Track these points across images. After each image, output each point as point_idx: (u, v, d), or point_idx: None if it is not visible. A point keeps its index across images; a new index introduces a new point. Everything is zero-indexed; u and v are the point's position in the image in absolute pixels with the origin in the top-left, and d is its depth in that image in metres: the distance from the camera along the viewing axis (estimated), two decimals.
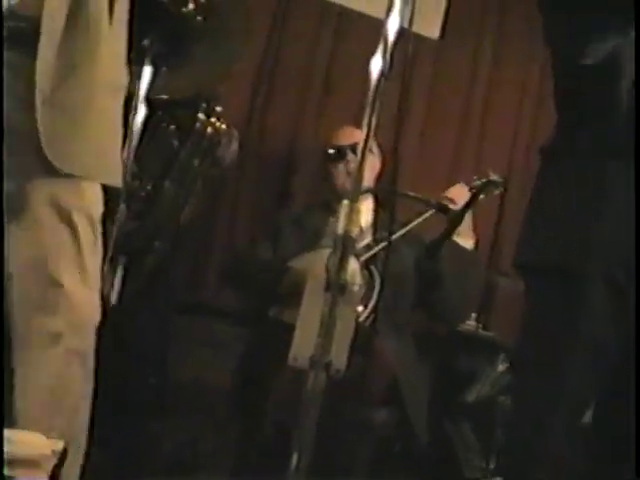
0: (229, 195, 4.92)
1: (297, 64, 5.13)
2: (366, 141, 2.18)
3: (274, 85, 5.09)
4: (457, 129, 5.38)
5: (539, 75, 5.23)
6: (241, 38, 2.92)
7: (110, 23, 2.24)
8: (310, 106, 5.13)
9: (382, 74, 2.20)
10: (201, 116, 3.25)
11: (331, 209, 4.27)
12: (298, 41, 5.11)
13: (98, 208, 2.32)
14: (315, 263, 3.86)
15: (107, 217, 2.39)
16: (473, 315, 4.67)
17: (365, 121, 2.20)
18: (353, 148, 4.26)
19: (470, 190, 4.24)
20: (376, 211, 4.28)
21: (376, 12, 5.04)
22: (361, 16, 5.15)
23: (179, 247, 3.98)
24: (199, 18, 2.37)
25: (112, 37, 2.26)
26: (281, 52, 5.11)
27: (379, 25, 4.85)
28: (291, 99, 5.10)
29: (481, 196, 4.27)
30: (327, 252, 2.08)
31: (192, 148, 3.23)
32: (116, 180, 2.37)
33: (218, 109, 3.38)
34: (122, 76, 2.34)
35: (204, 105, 3.28)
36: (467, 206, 4.16)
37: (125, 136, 2.48)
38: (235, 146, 3.71)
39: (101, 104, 2.27)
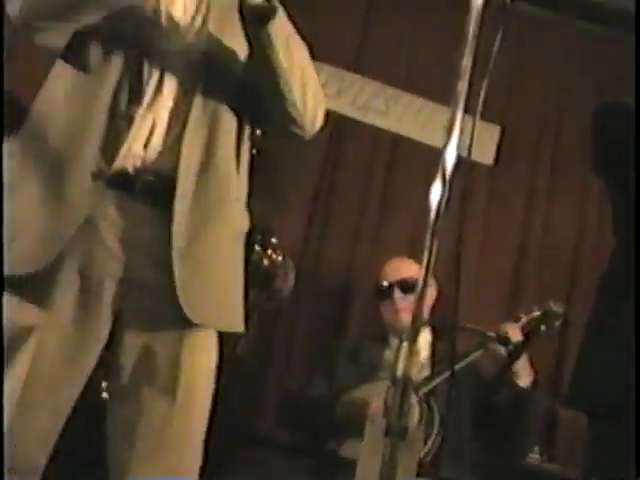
0: (285, 325, 4.90)
1: (352, 192, 5.16)
2: (426, 273, 2.11)
3: (329, 213, 5.12)
4: (515, 257, 5.32)
5: (597, 201, 5.18)
6: (299, 170, 2.96)
7: (237, 172, 2.30)
8: (365, 234, 5.13)
9: (441, 203, 2.15)
10: (257, 248, 3.24)
11: (386, 342, 4.23)
12: (353, 168, 5.16)
13: (215, 356, 2.34)
14: (373, 396, 3.79)
15: None
16: (536, 448, 4.53)
17: (426, 252, 2.14)
18: (401, 284, 4.25)
19: (529, 321, 4.17)
20: (434, 343, 4.23)
21: (430, 140, 5.12)
22: (415, 143, 5.19)
23: (235, 378, 3.93)
24: (254, 151, 2.40)
25: (238, 184, 2.32)
26: (336, 180, 5.14)
27: (432, 151, 4.94)
28: (346, 227, 5.10)
29: (542, 327, 4.18)
30: (385, 385, 2.00)
31: (249, 281, 3.22)
32: (240, 326, 2.36)
33: (274, 240, 3.38)
34: (245, 221, 2.38)
35: (259, 237, 3.29)
36: (527, 339, 4.09)
37: None
38: (292, 278, 3.70)
39: (228, 252, 2.32)
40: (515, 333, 4.08)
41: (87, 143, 2.12)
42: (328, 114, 2.41)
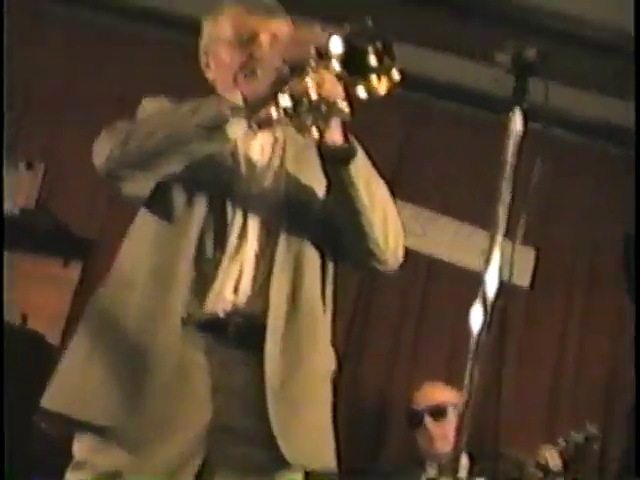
0: None
1: (388, 315, 5.15)
2: (469, 398, 2.09)
3: (365, 335, 5.11)
4: (551, 377, 5.27)
5: (631, 324, 5.15)
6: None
7: (324, 311, 2.32)
8: (402, 356, 5.10)
9: (482, 328, 2.15)
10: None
11: (423, 467, 4.17)
12: (389, 290, 5.16)
13: None
14: None
15: None
16: None
17: (467, 376, 2.13)
18: (432, 411, 4.23)
19: (568, 446, 4.10)
20: (471, 468, 4.15)
21: (466, 263, 5.13)
22: (451, 265, 5.20)
23: None
24: None
25: (325, 323, 2.34)
26: (372, 301, 5.14)
27: (469, 274, 4.95)
28: (382, 349, 5.09)
29: (580, 452, 4.12)
30: None
31: None
32: (332, 464, 2.36)
33: None
34: (332, 360, 2.39)
35: None
36: (566, 464, 4.02)
37: None
38: None
39: (319, 392, 2.34)
40: (554, 459, 4.02)
41: (175, 289, 2.14)
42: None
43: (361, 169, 2.23)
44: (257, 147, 2.29)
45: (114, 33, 5.37)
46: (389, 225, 2.31)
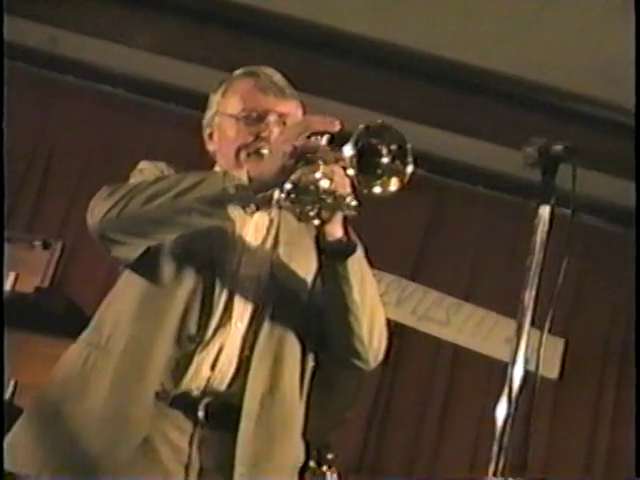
0: None
1: (411, 402, 5.09)
2: None
3: (387, 423, 5.05)
4: (582, 471, 5.16)
5: None
6: (357, 386, 2.92)
7: (299, 401, 2.27)
8: (424, 446, 5.02)
9: (507, 420, 2.06)
10: (312, 465, 3.15)
11: None
12: (412, 378, 5.12)
13: None
14: None
15: None
16: None
17: (491, 467, 2.03)
18: None
19: None
20: None
21: (491, 351, 5.06)
22: (476, 354, 5.14)
23: None
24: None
25: (300, 413, 2.27)
26: (394, 390, 5.09)
27: (494, 363, 4.87)
28: (404, 441, 5.01)
29: None
30: None
31: None
32: None
33: (330, 456, 3.29)
34: (302, 453, 2.33)
35: (315, 453, 3.20)
36: None
37: None
38: None
39: None
40: None
41: (152, 362, 2.09)
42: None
43: (357, 265, 2.19)
44: (252, 226, 2.25)
45: (137, 108, 5.41)
46: (375, 325, 2.25)
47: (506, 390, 2.07)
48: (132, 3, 4.77)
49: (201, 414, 2.10)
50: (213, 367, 2.13)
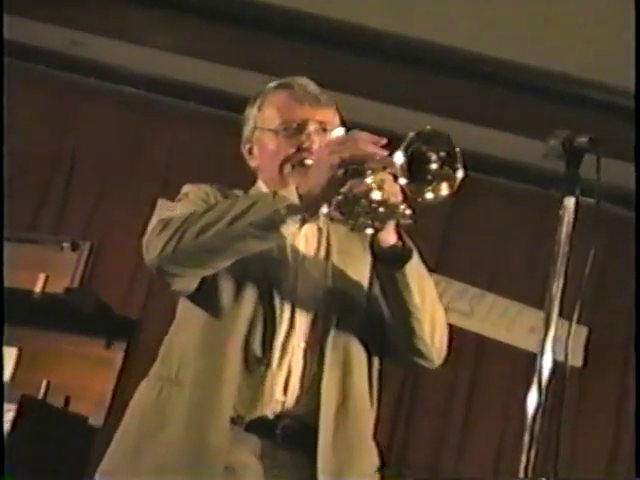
0: None
1: (435, 395, 5.09)
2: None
3: (412, 419, 5.04)
4: (606, 459, 5.16)
5: None
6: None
7: (371, 405, 2.26)
8: (451, 440, 5.02)
9: (538, 410, 2.07)
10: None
11: None
12: (436, 371, 5.11)
13: None
14: None
15: None
16: None
17: (523, 458, 2.04)
18: None
19: None
20: None
21: (515, 341, 5.06)
22: (500, 344, 5.15)
23: None
24: None
25: (372, 419, 2.25)
26: (419, 383, 5.09)
27: (516, 352, 4.87)
28: (430, 435, 5.01)
29: None
30: None
31: None
32: None
33: None
34: (377, 455, 2.33)
35: None
36: None
37: None
38: None
39: None
40: None
41: (224, 389, 2.09)
42: None
43: (415, 270, 2.18)
44: (302, 238, 2.23)
45: (159, 109, 5.44)
46: (437, 324, 2.25)
47: (535, 380, 2.08)
48: (151, 4, 4.80)
49: (279, 437, 2.10)
50: (285, 389, 2.13)
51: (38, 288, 3.53)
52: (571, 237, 2.04)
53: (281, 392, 2.12)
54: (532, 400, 2.06)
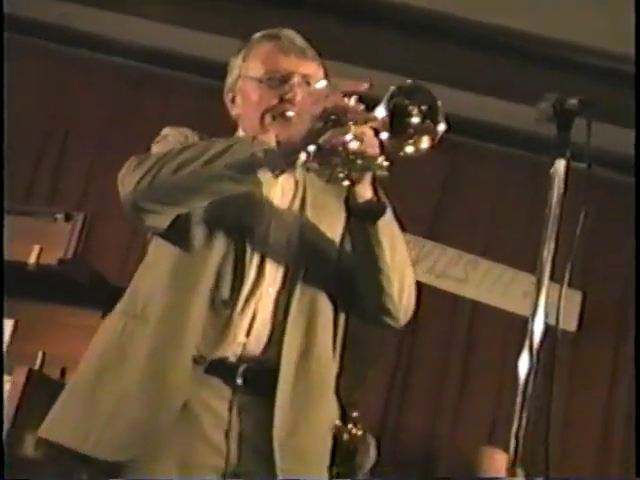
0: None
1: (430, 361, 5.11)
2: (516, 446, 2.02)
3: (408, 384, 5.06)
4: (600, 424, 5.18)
5: None
6: (380, 346, 2.94)
7: (334, 357, 2.28)
8: (446, 404, 5.05)
9: (529, 374, 2.09)
10: (337, 423, 3.18)
11: None
12: (431, 337, 5.13)
13: None
14: None
15: None
16: None
17: (515, 422, 2.05)
18: None
19: None
20: None
21: (510, 306, 5.08)
22: (494, 309, 5.17)
23: None
24: None
25: (333, 373, 2.29)
26: (414, 349, 5.11)
27: (512, 317, 4.89)
28: (426, 398, 5.04)
29: None
30: None
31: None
32: None
33: (354, 414, 3.32)
34: (337, 410, 2.34)
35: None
36: None
37: None
38: (373, 453, 3.61)
39: (324, 442, 2.27)
40: None
41: (189, 327, 2.10)
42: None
43: (387, 225, 2.19)
44: (278, 189, 2.24)
45: (152, 79, 5.43)
46: (405, 283, 2.27)
47: (527, 344, 2.09)
48: None
49: (239, 380, 2.12)
50: (248, 333, 2.14)
51: (32, 260, 3.53)
52: (562, 201, 2.05)
53: (244, 334, 2.13)
54: (524, 364, 2.07)
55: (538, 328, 2.10)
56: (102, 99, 5.37)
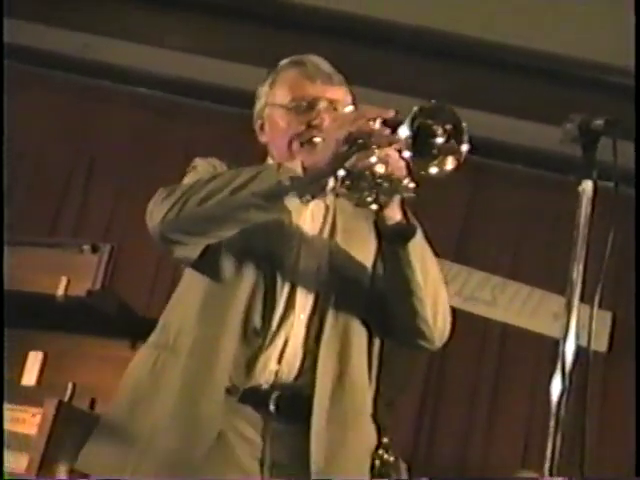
0: None
1: (461, 385, 5.08)
2: (552, 467, 1.99)
3: (439, 407, 5.04)
4: (634, 443, 5.12)
5: None
6: (410, 372, 2.91)
7: (369, 386, 2.27)
8: (477, 427, 5.02)
9: (562, 397, 2.06)
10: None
11: None
12: (462, 360, 5.10)
13: None
14: None
15: None
16: None
17: (549, 445, 2.03)
18: None
19: None
20: None
21: (539, 327, 5.05)
22: (524, 331, 5.14)
23: None
24: None
25: (369, 398, 2.27)
26: (445, 372, 5.09)
27: (542, 339, 4.86)
28: (457, 421, 5.01)
29: None
30: None
31: None
32: None
33: (385, 440, 3.30)
34: (374, 435, 2.32)
35: None
36: None
37: None
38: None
39: (362, 469, 2.25)
40: None
41: (220, 358, 2.10)
42: None
43: (418, 247, 2.17)
44: (308, 215, 2.23)
45: (174, 109, 5.46)
46: (439, 305, 2.24)
47: (559, 365, 2.07)
48: (161, 4, 4.82)
49: (272, 407, 2.11)
50: (280, 360, 2.13)
51: (60, 292, 3.54)
52: (590, 221, 2.03)
53: (275, 362, 2.12)
54: (556, 386, 2.05)
55: (569, 350, 2.08)
56: (126, 130, 5.40)
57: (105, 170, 5.43)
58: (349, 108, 2.18)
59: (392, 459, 3.44)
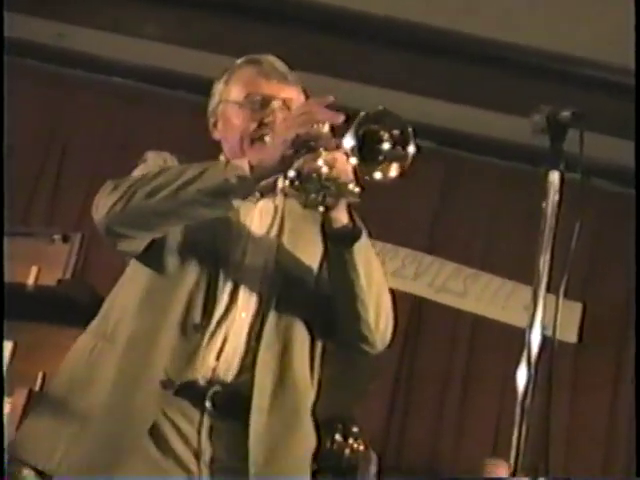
0: None
1: (432, 375, 5.11)
2: (517, 458, 2.01)
3: (410, 397, 5.06)
4: (603, 432, 5.17)
5: None
6: (379, 361, 2.91)
7: (312, 386, 2.26)
8: (448, 416, 5.05)
9: (528, 386, 2.08)
10: (338, 438, 3.17)
11: None
12: (432, 351, 5.13)
13: None
14: None
15: None
16: None
17: (515, 435, 2.04)
18: None
19: None
20: None
21: (510, 319, 5.08)
22: (495, 322, 5.17)
23: None
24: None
25: (310, 400, 2.25)
26: (416, 363, 5.11)
27: (513, 330, 4.88)
28: (428, 411, 5.04)
29: None
30: None
31: (330, 471, 3.13)
32: None
33: (355, 429, 3.31)
34: (314, 439, 2.32)
35: (340, 426, 3.22)
36: None
37: None
38: (373, 469, 3.60)
39: (302, 471, 2.24)
40: None
41: (157, 351, 2.09)
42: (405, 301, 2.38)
43: (363, 250, 2.16)
44: (257, 214, 2.22)
45: (148, 98, 5.45)
46: (382, 308, 2.23)
47: (525, 356, 2.08)
48: None
49: (208, 403, 2.11)
50: (218, 357, 2.12)
51: (31, 281, 3.53)
52: (557, 211, 2.05)
53: (214, 358, 2.11)
54: (522, 375, 2.07)
55: (535, 340, 2.09)
56: (99, 119, 5.39)
57: (77, 159, 5.41)
58: (297, 108, 2.15)
59: (362, 448, 3.47)
